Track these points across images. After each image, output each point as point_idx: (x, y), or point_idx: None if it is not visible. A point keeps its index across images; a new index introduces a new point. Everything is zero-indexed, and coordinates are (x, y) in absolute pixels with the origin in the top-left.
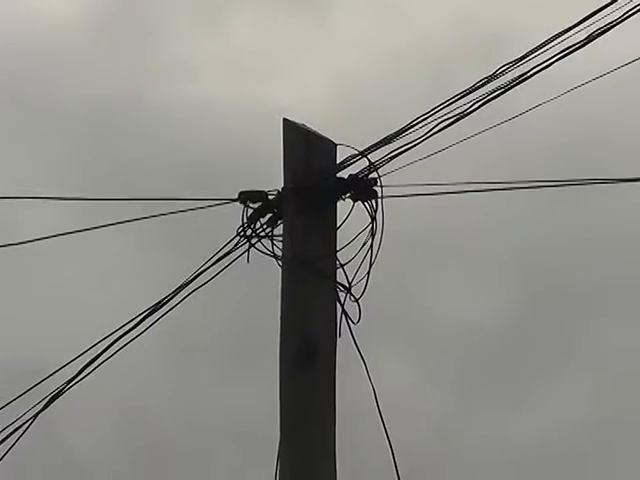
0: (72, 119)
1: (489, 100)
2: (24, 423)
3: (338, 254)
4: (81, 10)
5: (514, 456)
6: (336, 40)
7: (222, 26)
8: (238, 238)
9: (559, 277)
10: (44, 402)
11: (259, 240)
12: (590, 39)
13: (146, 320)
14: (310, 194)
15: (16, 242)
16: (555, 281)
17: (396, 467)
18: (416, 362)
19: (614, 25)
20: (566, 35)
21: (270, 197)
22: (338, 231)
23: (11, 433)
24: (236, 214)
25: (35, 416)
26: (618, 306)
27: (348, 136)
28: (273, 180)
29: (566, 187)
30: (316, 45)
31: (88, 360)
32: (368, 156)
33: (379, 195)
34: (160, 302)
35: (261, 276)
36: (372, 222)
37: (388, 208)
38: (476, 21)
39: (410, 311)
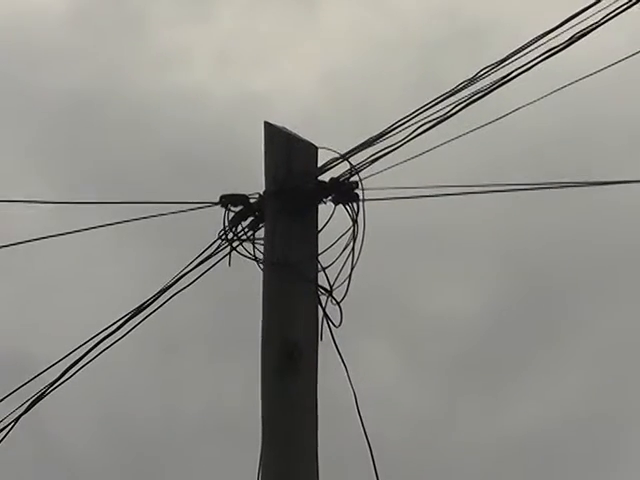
0: (57, 110)
1: (471, 102)
2: (5, 427)
3: (320, 257)
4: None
5: (501, 449)
6: (324, 31)
7: (210, 16)
8: (219, 241)
9: (544, 271)
10: (26, 405)
11: (240, 243)
12: (573, 40)
13: (128, 322)
14: (291, 197)
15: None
16: (540, 275)
17: (376, 473)
18: (403, 355)
19: (598, 26)
20: (549, 36)
21: (251, 200)
22: (319, 234)
23: None
24: (218, 217)
25: (17, 419)
26: (607, 298)
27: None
28: (257, 174)
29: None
30: (304, 36)
31: (70, 363)
32: (349, 159)
33: (360, 198)
34: (142, 305)
35: (242, 279)
36: (353, 225)
37: (372, 207)
38: (463, 13)
39: (396, 306)
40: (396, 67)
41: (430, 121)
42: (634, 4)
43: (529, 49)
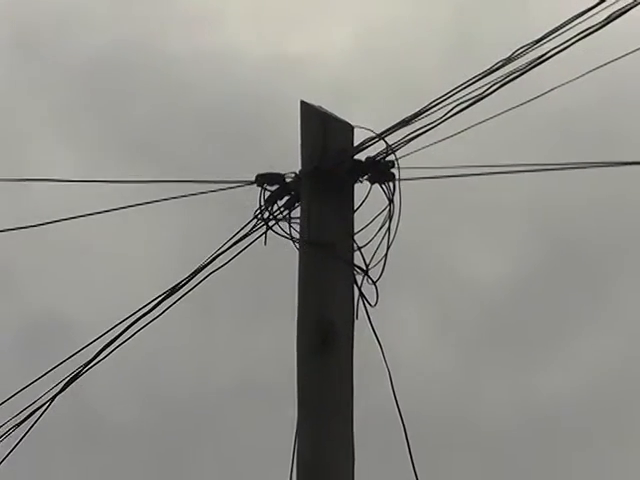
0: (84, 74)
1: (507, 82)
2: (43, 405)
3: (355, 237)
4: None
5: (528, 415)
6: None
7: None
8: (255, 221)
9: (577, 239)
10: (62, 384)
11: (276, 223)
12: (610, 20)
13: (164, 302)
14: (327, 177)
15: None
16: (573, 243)
17: (411, 458)
18: (434, 319)
19: (636, 4)
20: (585, 15)
21: (287, 180)
22: (355, 214)
23: (30, 414)
24: (254, 196)
25: (52, 399)
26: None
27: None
28: (290, 139)
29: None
30: None
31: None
32: (385, 138)
33: (396, 177)
34: (177, 285)
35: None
36: (389, 204)
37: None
38: None
39: (429, 268)
40: (433, 25)
41: (466, 101)
42: None
43: (565, 28)
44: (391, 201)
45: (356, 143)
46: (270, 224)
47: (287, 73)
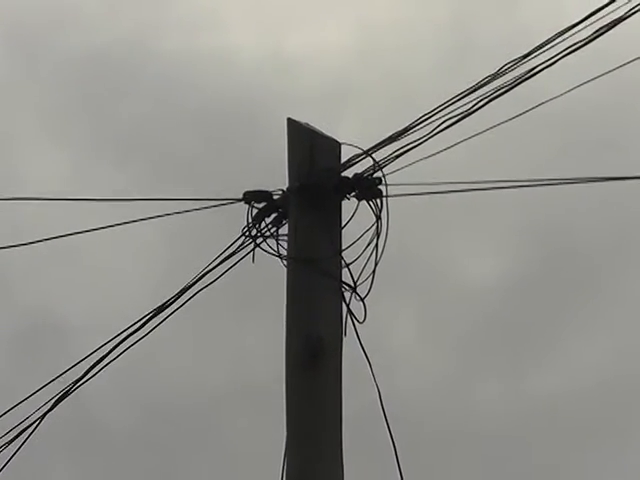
0: (82, 70)
1: (494, 98)
2: (33, 423)
3: (343, 253)
4: None
5: (523, 414)
6: None
7: None
8: (243, 238)
9: (569, 236)
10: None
11: (264, 240)
12: (597, 35)
13: (152, 320)
14: (314, 193)
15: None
16: (564, 240)
17: (400, 473)
18: (427, 318)
19: (623, 19)
20: (572, 31)
21: (275, 197)
22: (343, 230)
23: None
24: (241, 213)
25: (43, 416)
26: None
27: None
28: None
29: None
30: None
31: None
32: (372, 155)
33: (384, 194)
34: (165, 304)
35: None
36: (377, 221)
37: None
38: None
39: (421, 269)
40: (432, 25)
41: (453, 117)
42: None
43: (553, 43)
44: (379, 218)
45: (343, 160)
46: (258, 241)
47: (284, 73)
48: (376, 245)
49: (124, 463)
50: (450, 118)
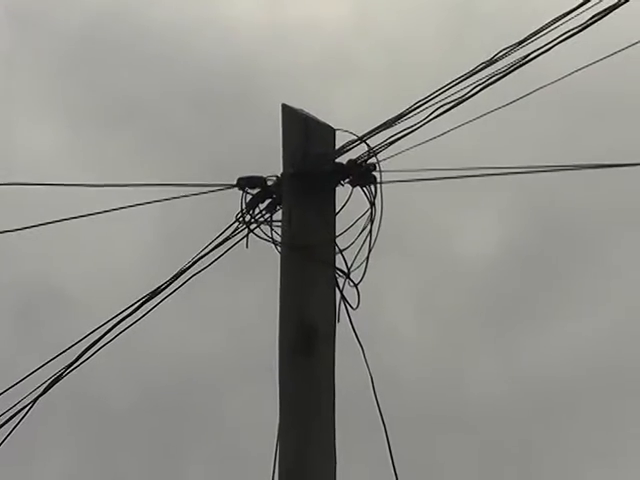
0: (79, 40)
1: (489, 84)
2: (23, 408)
3: (337, 239)
4: None
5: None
6: None
7: None
8: (237, 224)
9: (563, 211)
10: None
11: (258, 226)
12: (594, 21)
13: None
14: (309, 180)
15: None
16: (558, 214)
17: (393, 463)
18: (420, 296)
19: (617, 7)
20: (566, 18)
21: (269, 183)
22: (337, 216)
23: (12, 417)
24: (235, 199)
25: (34, 401)
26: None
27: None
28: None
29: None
30: None
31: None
32: (367, 141)
33: (378, 180)
34: (158, 288)
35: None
36: (371, 207)
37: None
38: None
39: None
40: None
41: (447, 103)
42: None
43: (548, 30)
44: (373, 204)
45: (338, 146)
46: (252, 227)
47: (284, 41)
48: (370, 231)
49: (121, 440)
50: (445, 104)
